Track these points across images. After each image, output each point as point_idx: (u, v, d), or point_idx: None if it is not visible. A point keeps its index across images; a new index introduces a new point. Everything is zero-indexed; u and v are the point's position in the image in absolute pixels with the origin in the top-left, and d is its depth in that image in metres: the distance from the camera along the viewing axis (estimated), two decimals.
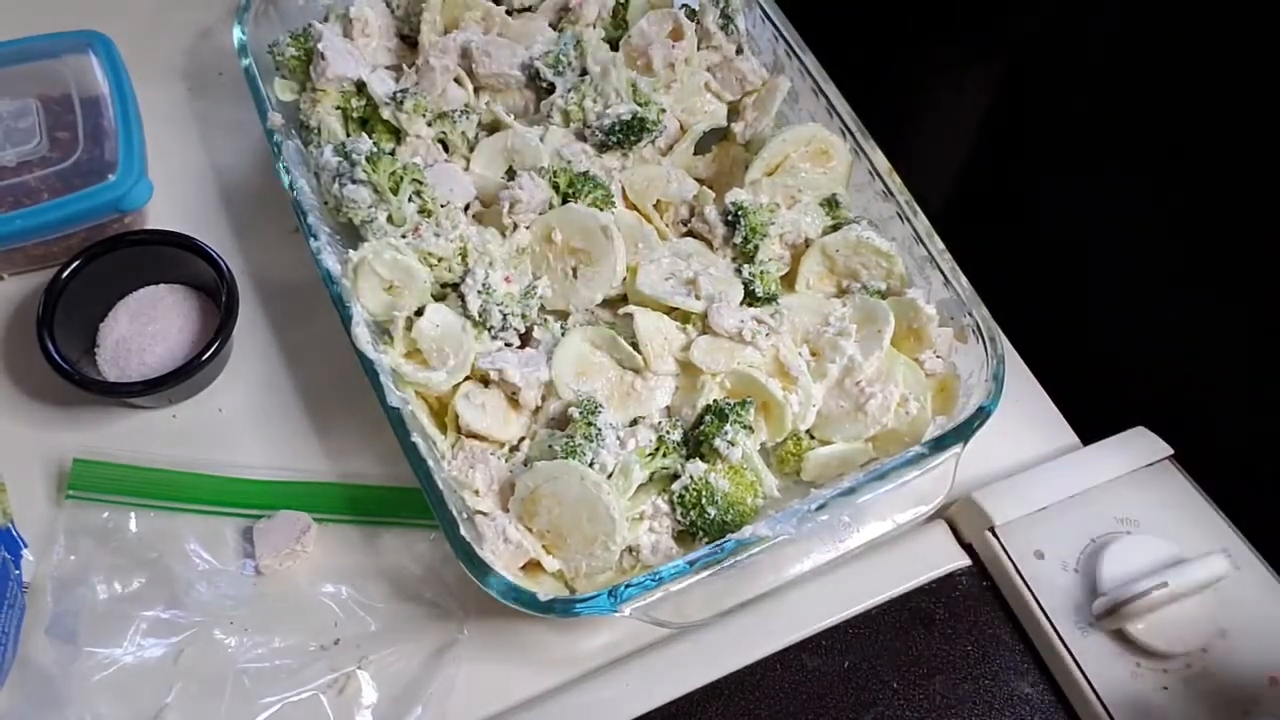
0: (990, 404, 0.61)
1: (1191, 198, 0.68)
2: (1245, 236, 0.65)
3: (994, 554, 0.65)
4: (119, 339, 0.69)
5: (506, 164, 0.72)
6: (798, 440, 0.64)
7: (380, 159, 0.66)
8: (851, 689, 0.62)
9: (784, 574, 0.59)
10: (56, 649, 0.60)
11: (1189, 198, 0.68)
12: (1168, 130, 0.68)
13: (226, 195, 0.80)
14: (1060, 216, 0.80)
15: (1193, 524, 0.66)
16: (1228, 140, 0.64)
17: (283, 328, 0.75)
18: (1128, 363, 0.76)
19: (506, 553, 0.58)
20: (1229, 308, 0.68)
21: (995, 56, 0.82)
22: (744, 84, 0.75)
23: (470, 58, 0.74)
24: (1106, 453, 0.69)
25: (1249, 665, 0.61)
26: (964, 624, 0.64)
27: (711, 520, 0.59)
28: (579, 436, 0.60)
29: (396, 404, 0.59)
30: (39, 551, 0.64)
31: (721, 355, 0.63)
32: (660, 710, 0.60)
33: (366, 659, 0.62)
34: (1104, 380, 0.76)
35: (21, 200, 0.71)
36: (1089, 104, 0.72)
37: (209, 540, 0.65)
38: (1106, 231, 0.75)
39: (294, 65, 0.74)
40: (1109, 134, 0.73)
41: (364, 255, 0.63)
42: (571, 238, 0.66)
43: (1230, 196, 0.65)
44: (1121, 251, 0.75)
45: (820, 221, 0.70)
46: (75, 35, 0.78)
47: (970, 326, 0.64)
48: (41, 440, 0.69)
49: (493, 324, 0.64)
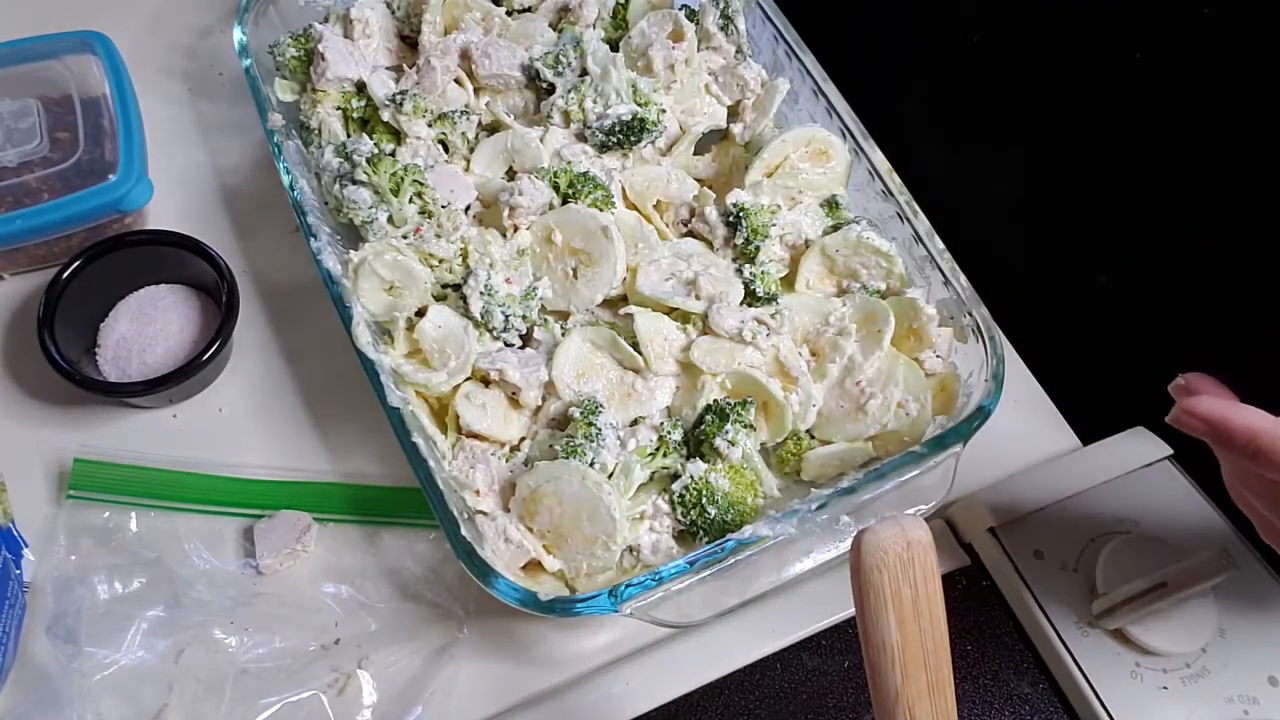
0: (990, 404, 0.61)
1: (1192, 197, 0.68)
2: (1245, 236, 0.65)
3: (994, 554, 0.66)
4: (119, 339, 0.69)
5: (507, 165, 0.72)
6: (798, 440, 0.64)
7: (381, 160, 0.66)
8: (851, 689, 0.62)
9: (784, 574, 0.59)
10: (56, 649, 0.60)
11: (1189, 197, 0.68)
12: (1167, 130, 0.68)
13: (226, 195, 0.80)
14: (1060, 215, 0.80)
15: (1193, 524, 0.66)
16: (1228, 140, 0.64)
17: (283, 328, 0.75)
18: (1128, 363, 0.76)
19: (507, 553, 0.58)
20: (1229, 308, 0.69)
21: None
22: (745, 89, 0.75)
23: (470, 58, 0.74)
24: (1106, 453, 0.70)
25: (1248, 665, 0.61)
26: (964, 624, 0.64)
27: (712, 520, 0.59)
28: (580, 436, 0.60)
29: (397, 404, 0.59)
30: (39, 551, 0.64)
31: (722, 355, 0.63)
32: (660, 710, 0.61)
33: (367, 659, 0.62)
34: (1104, 380, 0.76)
35: (22, 200, 0.71)
36: (1089, 104, 0.73)
37: (209, 540, 0.65)
38: (1107, 231, 0.75)
39: (294, 66, 0.74)
40: (1109, 134, 0.73)
41: (364, 256, 0.63)
42: (572, 238, 0.66)
43: (1230, 196, 0.65)
44: (1122, 251, 0.75)
45: (820, 222, 0.71)
46: (75, 35, 0.78)
47: (970, 326, 0.64)
48: (42, 440, 0.69)
49: (495, 325, 0.64)
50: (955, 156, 0.87)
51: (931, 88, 0.88)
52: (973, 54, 0.82)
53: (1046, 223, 0.81)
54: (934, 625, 0.41)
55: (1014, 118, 0.81)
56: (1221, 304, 0.69)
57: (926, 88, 0.89)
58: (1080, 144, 0.75)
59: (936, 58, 0.86)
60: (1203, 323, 0.71)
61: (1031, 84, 0.77)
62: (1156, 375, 0.54)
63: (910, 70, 0.91)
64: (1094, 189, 0.76)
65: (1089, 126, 0.74)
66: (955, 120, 0.88)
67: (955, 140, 0.88)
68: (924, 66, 0.89)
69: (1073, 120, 0.74)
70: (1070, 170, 0.77)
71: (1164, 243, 0.71)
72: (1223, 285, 0.69)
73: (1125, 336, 0.77)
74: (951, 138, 0.88)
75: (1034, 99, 0.78)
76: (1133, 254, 0.74)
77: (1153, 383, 0.54)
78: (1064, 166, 0.78)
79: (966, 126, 0.87)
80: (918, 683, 0.41)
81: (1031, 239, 0.83)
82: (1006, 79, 0.79)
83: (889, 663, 0.41)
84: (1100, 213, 0.76)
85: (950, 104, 0.88)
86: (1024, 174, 0.82)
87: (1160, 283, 0.73)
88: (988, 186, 0.86)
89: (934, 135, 0.89)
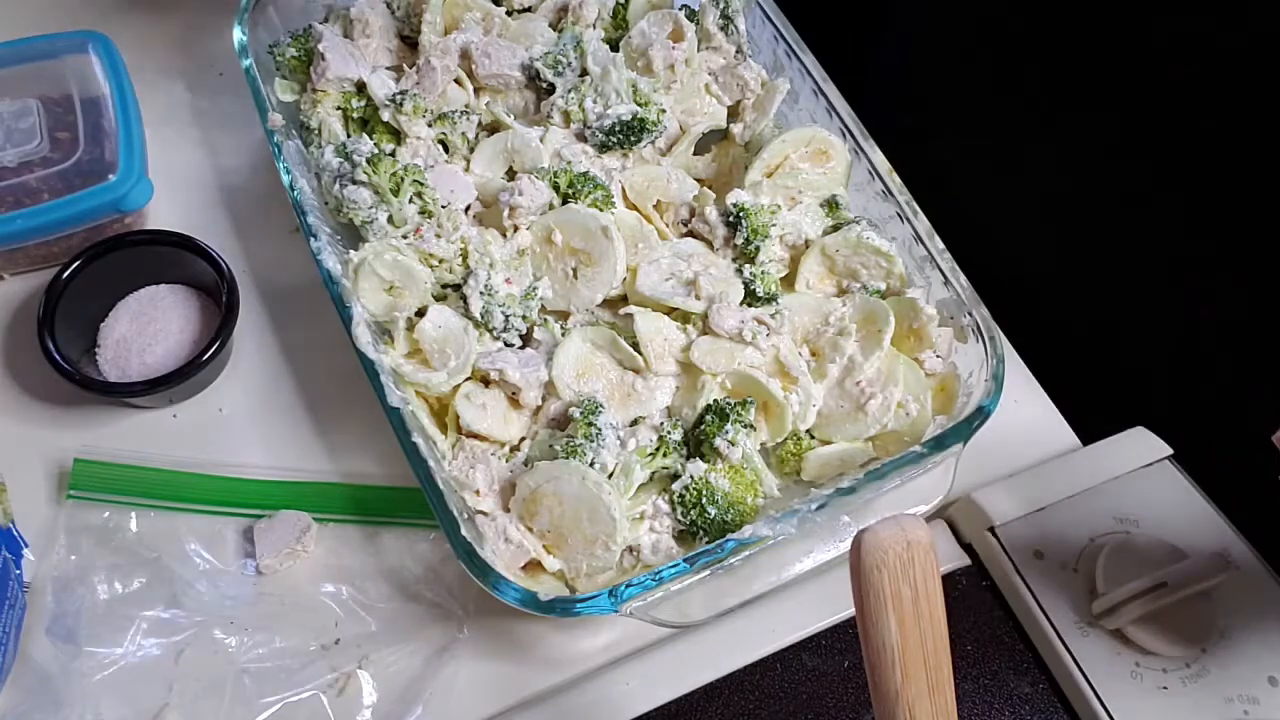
0: (990, 404, 0.61)
1: (1192, 197, 0.68)
2: (1246, 236, 0.65)
3: (994, 554, 0.66)
4: (119, 339, 0.69)
5: (507, 165, 0.72)
6: (798, 440, 0.64)
7: (381, 160, 0.66)
8: (851, 689, 0.62)
9: (784, 574, 0.59)
10: (56, 649, 0.60)
11: (1189, 197, 0.68)
12: (1166, 131, 0.68)
13: (226, 195, 0.80)
14: (1060, 215, 0.80)
15: (1193, 524, 0.66)
16: (1228, 139, 0.64)
17: (283, 328, 0.75)
18: (1128, 363, 0.76)
19: (507, 553, 0.58)
20: (1229, 307, 0.69)
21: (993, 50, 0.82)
22: (745, 89, 0.75)
23: (470, 58, 0.74)
24: (1106, 453, 0.69)
25: (1248, 665, 0.61)
26: (964, 624, 0.64)
27: (712, 520, 0.59)
28: (580, 436, 0.60)
29: (397, 404, 0.59)
30: (40, 551, 0.64)
31: (722, 355, 0.63)
32: (660, 710, 0.61)
33: (366, 659, 0.62)
34: (1104, 380, 0.76)
35: (22, 200, 0.71)
36: (1088, 101, 0.73)
37: (209, 540, 0.65)
38: (1107, 231, 0.75)
39: (294, 65, 0.74)
40: (1109, 133, 0.73)
41: (365, 256, 0.63)
42: (572, 238, 0.66)
43: (1230, 196, 0.65)
44: (1122, 251, 0.75)
45: (820, 222, 0.70)
46: (75, 35, 0.78)
47: (970, 326, 0.64)
48: (42, 440, 0.69)
49: (495, 325, 0.64)
50: (956, 157, 0.87)
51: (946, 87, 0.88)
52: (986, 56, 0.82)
53: (1048, 222, 0.81)
54: (934, 625, 0.41)
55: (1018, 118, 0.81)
56: (1221, 304, 0.69)
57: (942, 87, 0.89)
58: (1075, 137, 0.75)
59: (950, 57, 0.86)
60: (1202, 323, 0.71)
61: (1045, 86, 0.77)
62: (1156, 375, 0.54)
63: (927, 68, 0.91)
64: (1094, 187, 0.76)
65: (1093, 128, 0.73)
66: (958, 120, 0.88)
67: (956, 140, 0.88)
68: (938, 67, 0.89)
69: (1077, 120, 0.74)
70: (1073, 170, 0.77)
71: (1164, 241, 0.71)
72: (1223, 285, 0.69)
73: (1125, 336, 0.77)
74: (954, 136, 0.88)
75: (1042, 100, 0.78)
76: (1133, 253, 0.74)
77: (1153, 383, 0.54)
78: (1065, 166, 0.78)
79: (968, 126, 0.87)
80: (918, 683, 0.41)
81: (1032, 239, 0.83)
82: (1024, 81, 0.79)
83: (889, 663, 0.41)
84: (1100, 212, 0.76)
85: (956, 104, 0.88)
86: (1024, 174, 0.82)
87: (1161, 282, 0.73)
88: (988, 186, 0.86)
89: (937, 134, 0.89)
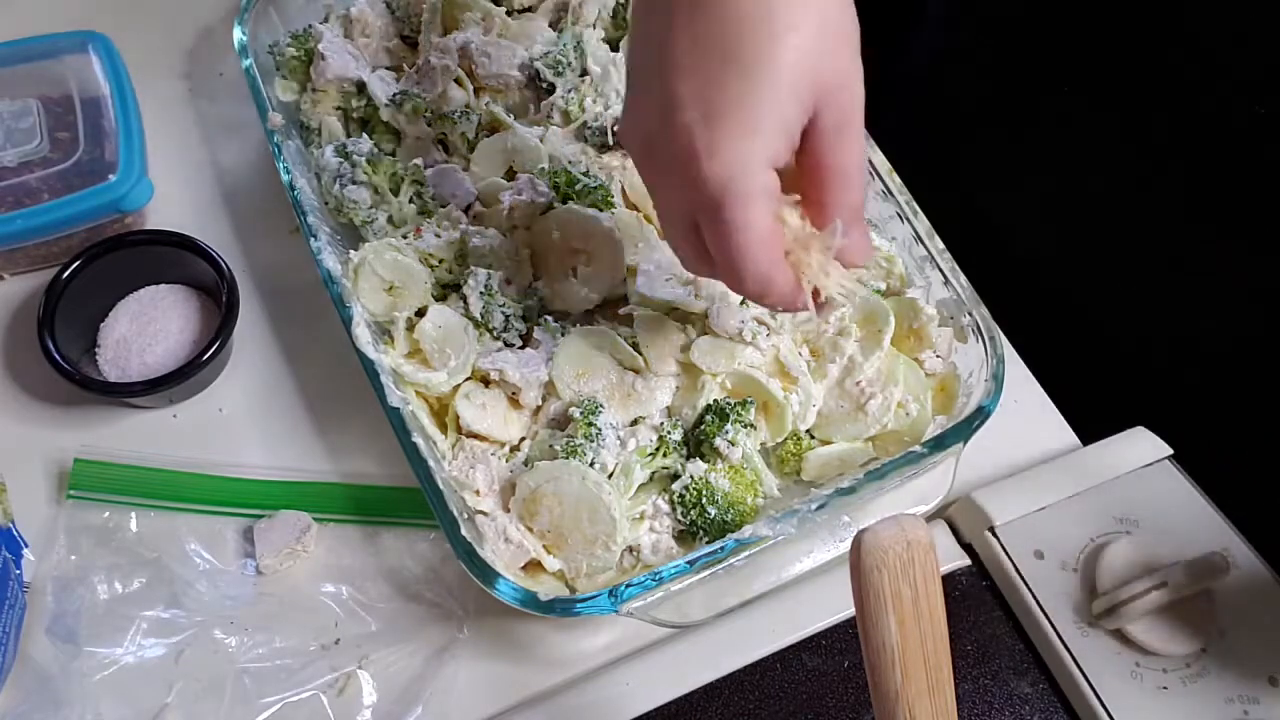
0: (990, 404, 0.61)
1: (1192, 197, 0.68)
2: (1246, 235, 0.65)
3: (994, 554, 0.66)
4: (119, 339, 0.69)
5: (506, 164, 0.72)
6: (798, 440, 0.64)
7: (380, 160, 0.66)
8: (851, 689, 0.62)
9: (784, 574, 0.59)
10: (56, 649, 0.60)
11: (1189, 196, 0.68)
12: (1167, 131, 0.68)
13: (226, 195, 0.80)
14: (1060, 215, 0.80)
15: (1193, 524, 0.66)
16: (1228, 139, 0.64)
17: (283, 328, 0.75)
18: (1128, 363, 0.76)
19: (507, 553, 0.58)
20: (1230, 307, 0.69)
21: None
22: None
23: (470, 58, 0.74)
24: (1106, 453, 0.69)
25: (1248, 665, 0.61)
26: (964, 624, 0.64)
27: (712, 520, 0.59)
28: (579, 436, 0.60)
29: (397, 404, 0.59)
30: (39, 551, 0.64)
31: (722, 355, 0.63)
32: (660, 710, 0.60)
33: (366, 659, 0.62)
34: (1104, 380, 0.76)
35: (22, 200, 0.71)
36: (1088, 100, 0.73)
37: (209, 540, 0.65)
38: (1107, 231, 0.75)
39: (294, 65, 0.74)
40: (1108, 133, 0.73)
41: (364, 256, 0.63)
42: (571, 238, 0.66)
43: (1231, 196, 0.66)
44: (1122, 251, 0.75)
45: None
46: (75, 35, 0.78)
47: (970, 326, 0.64)
48: (42, 440, 0.69)
49: (495, 325, 0.64)
50: (956, 157, 0.87)
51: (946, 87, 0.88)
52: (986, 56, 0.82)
53: (1048, 222, 0.81)
54: (934, 625, 0.41)
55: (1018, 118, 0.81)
56: (1222, 304, 0.69)
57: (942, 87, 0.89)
58: (1075, 137, 0.75)
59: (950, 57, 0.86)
60: (1202, 322, 0.71)
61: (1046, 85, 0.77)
62: (1156, 375, 0.54)
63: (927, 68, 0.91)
64: (1094, 187, 0.76)
65: (1094, 128, 0.74)
66: (958, 119, 0.88)
67: (956, 140, 0.88)
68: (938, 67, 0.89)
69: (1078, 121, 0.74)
70: (1073, 170, 0.77)
71: (1165, 241, 0.71)
72: (1223, 284, 0.69)
73: (1125, 336, 0.77)
74: (954, 136, 0.88)
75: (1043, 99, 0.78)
76: (1133, 253, 0.74)
77: (1153, 383, 0.55)
78: (1065, 166, 0.78)
79: (968, 125, 0.87)
80: (918, 683, 0.41)
81: (1032, 239, 0.83)
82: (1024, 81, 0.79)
83: (889, 663, 0.41)
84: (1101, 212, 0.76)
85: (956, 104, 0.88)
86: (1024, 173, 0.82)
87: (1161, 282, 0.73)
88: (988, 186, 0.86)
89: (937, 134, 0.89)
